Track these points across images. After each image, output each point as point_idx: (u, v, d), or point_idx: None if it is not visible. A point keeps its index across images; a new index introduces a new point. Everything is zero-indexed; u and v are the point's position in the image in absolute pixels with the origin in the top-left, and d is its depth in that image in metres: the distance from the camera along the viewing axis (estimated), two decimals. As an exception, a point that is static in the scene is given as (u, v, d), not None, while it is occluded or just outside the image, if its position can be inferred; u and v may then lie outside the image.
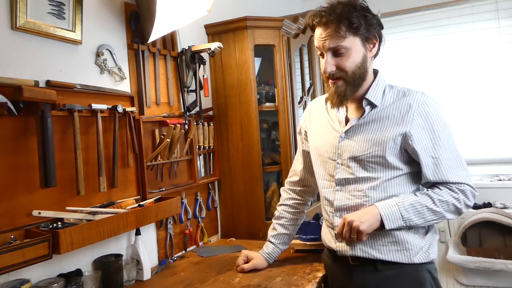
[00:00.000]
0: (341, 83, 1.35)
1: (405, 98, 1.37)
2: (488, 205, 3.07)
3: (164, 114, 1.93)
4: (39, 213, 1.33)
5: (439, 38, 3.37)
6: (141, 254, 1.66)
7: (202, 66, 2.14)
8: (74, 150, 1.46)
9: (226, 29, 2.27)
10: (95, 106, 1.54)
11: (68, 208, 1.44)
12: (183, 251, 2.05)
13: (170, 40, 2.06)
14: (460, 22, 3.30)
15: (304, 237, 1.84)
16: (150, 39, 1.77)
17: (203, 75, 2.16)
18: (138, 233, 1.69)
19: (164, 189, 1.91)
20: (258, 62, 2.35)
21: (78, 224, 1.38)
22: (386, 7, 3.43)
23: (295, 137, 2.34)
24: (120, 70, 1.75)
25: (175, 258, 1.91)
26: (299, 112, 2.48)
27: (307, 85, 2.76)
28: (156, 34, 1.76)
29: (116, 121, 1.63)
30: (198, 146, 2.17)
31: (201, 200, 2.20)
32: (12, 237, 1.26)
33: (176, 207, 1.81)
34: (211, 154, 2.30)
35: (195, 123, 2.11)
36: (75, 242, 1.32)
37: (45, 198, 1.39)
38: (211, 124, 2.27)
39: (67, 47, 1.53)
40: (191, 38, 2.19)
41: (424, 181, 1.36)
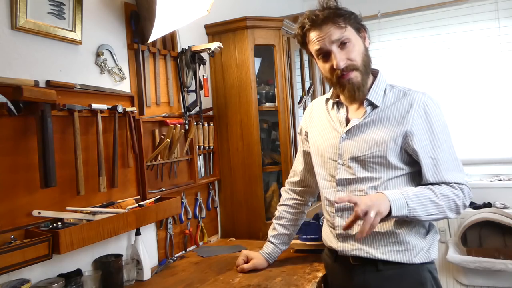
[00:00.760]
0: (355, 74, 1.36)
1: (405, 98, 1.37)
2: (488, 205, 3.07)
3: (164, 114, 1.93)
4: (39, 213, 1.33)
5: (439, 38, 3.37)
6: (141, 254, 1.66)
7: (202, 66, 2.14)
8: (74, 150, 1.46)
9: (226, 29, 2.27)
10: (95, 106, 1.54)
11: (68, 208, 1.44)
12: (183, 251, 2.05)
13: (170, 40, 2.06)
14: (460, 22, 3.30)
15: (304, 237, 1.83)
16: (150, 39, 1.77)
17: (203, 75, 2.16)
18: (138, 233, 1.69)
19: (164, 189, 1.91)
20: (258, 62, 2.35)
21: (78, 224, 1.38)
22: (386, 7, 3.44)
23: (295, 137, 2.34)
24: (120, 70, 1.75)
25: (175, 258, 1.91)
26: (299, 112, 2.48)
27: (307, 85, 2.76)
28: (156, 34, 1.76)
29: (116, 121, 1.63)
30: (198, 146, 2.17)
31: (201, 200, 2.20)
32: (12, 237, 1.26)
33: (176, 207, 1.81)
34: (211, 154, 2.30)
35: (195, 123, 2.11)
36: (75, 242, 1.32)
37: (45, 198, 1.39)
38: (211, 124, 2.27)
39: (67, 47, 1.53)
40: (191, 38, 2.19)
41: (424, 182, 1.36)
